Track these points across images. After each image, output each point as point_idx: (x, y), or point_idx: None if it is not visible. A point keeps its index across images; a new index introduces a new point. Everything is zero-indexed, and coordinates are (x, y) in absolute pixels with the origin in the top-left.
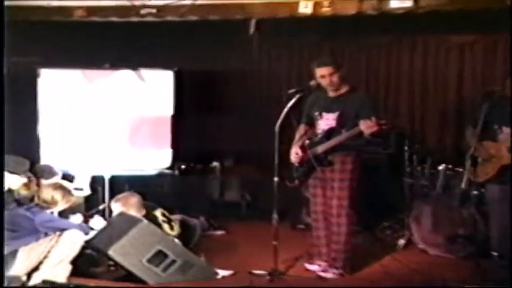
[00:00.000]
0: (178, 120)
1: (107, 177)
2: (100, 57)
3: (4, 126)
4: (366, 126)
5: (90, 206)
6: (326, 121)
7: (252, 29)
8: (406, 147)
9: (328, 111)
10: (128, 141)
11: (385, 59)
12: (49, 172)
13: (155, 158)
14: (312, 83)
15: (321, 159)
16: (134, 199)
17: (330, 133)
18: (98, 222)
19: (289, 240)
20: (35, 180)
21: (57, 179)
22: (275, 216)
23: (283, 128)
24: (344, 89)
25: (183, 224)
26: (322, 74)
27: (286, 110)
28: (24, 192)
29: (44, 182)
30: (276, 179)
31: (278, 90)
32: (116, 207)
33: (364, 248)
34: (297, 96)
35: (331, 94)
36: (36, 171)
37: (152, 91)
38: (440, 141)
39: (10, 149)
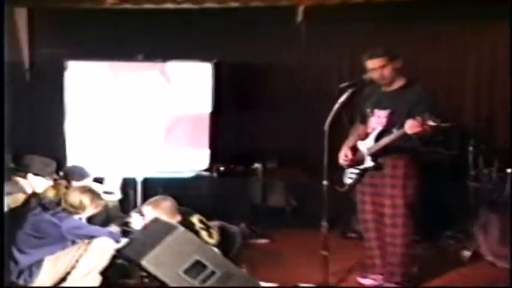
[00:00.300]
0: (217, 118)
1: (139, 180)
2: (133, 48)
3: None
4: (409, 125)
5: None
6: (377, 119)
7: (299, 17)
8: (470, 148)
9: (380, 107)
10: (162, 141)
11: (448, 48)
12: (80, 174)
13: (192, 158)
14: (366, 76)
15: (370, 162)
16: (169, 203)
17: (380, 133)
18: (137, 221)
19: (339, 250)
20: (63, 182)
21: (88, 181)
22: (324, 223)
23: (333, 127)
24: (399, 83)
25: (222, 232)
26: (373, 66)
27: (337, 106)
28: (51, 195)
29: (74, 184)
30: (325, 182)
31: (328, 85)
32: (149, 213)
33: (424, 260)
34: (349, 91)
35: (385, 89)
36: (66, 173)
37: (189, 86)
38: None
39: (34, 149)
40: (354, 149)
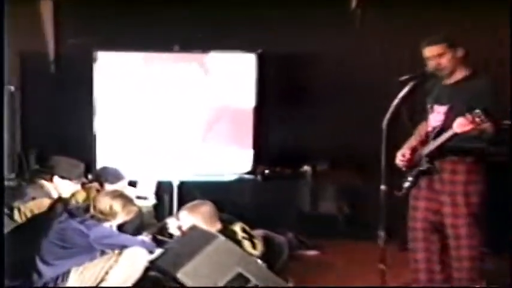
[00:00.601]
0: (261, 114)
1: (175, 184)
2: (168, 38)
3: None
4: (458, 123)
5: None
6: (436, 115)
7: (353, 3)
8: None
9: (440, 103)
10: (200, 140)
11: None
12: (115, 175)
13: (233, 160)
14: (428, 67)
15: (425, 165)
16: (208, 210)
17: (438, 131)
18: (173, 229)
19: (398, 264)
20: (95, 185)
21: (123, 184)
22: (381, 233)
23: (392, 124)
24: (461, 75)
25: (267, 242)
26: (430, 54)
27: (396, 101)
28: (81, 199)
29: (108, 186)
30: (383, 187)
31: (385, 77)
32: (186, 220)
33: (495, 275)
34: (410, 84)
35: (446, 81)
36: (99, 174)
37: (230, 79)
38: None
39: (60, 149)
40: (414, 149)
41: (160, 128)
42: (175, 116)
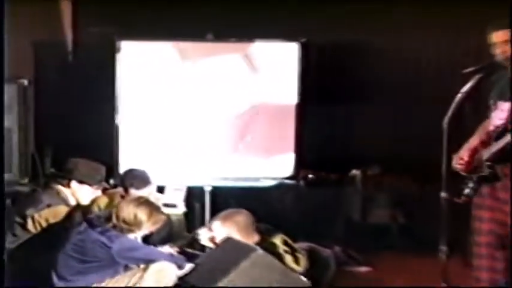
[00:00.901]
0: (304, 111)
1: (207, 190)
2: (200, 25)
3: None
4: None
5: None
6: (500, 113)
7: None
8: None
9: (505, 99)
10: (236, 141)
11: None
12: (142, 179)
13: (272, 163)
14: (496, 59)
15: (486, 170)
16: (244, 219)
17: (501, 132)
18: (205, 240)
19: (463, 281)
20: (119, 190)
21: (151, 190)
22: (443, 247)
23: (454, 123)
24: None
25: (311, 256)
26: (495, 40)
27: (459, 97)
28: (103, 205)
29: (133, 192)
30: (443, 194)
31: (445, 70)
32: (219, 231)
33: None
34: (476, 77)
35: None
36: (123, 179)
37: (269, 71)
38: None
39: (79, 150)
40: (474, 151)
41: (191, 126)
42: (207, 114)
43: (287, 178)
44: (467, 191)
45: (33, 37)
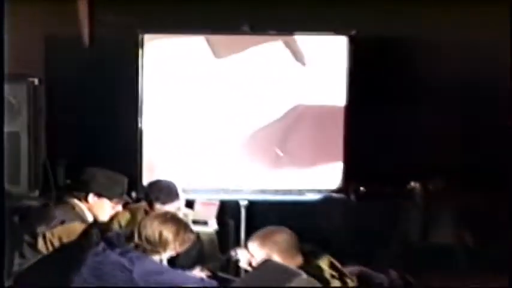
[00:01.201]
0: (354, 115)
1: (243, 204)
2: (235, 16)
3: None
4: None
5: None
6: None
7: None
8: None
9: None
10: (275, 148)
11: None
12: (167, 193)
13: (318, 174)
14: None
15: None
16: (285, 239)
17: None
18: (240, 258)
19: None
20: (143, 205)
21: (178, 205)
22: None
23: None
24: None
25: (363, 281)
26: None
27: None
28: (124, 222)
29: (158, 207)
30: None
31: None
32: (256, 251)
33: None
34: None
35: None
36: (147, 192)
37: (314, 69)
38: None
39: (98, 159)
40: None
41: (224, 131)
42: (243, 117)
43: (335, 191)
44: None
45: (45, 30)
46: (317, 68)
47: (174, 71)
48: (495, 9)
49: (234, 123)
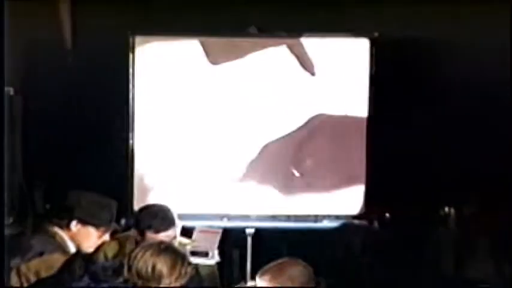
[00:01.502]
0: (378, 128)
1: (249, 233)
2: (241, 16)
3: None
4: None
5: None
6: None
7: None
8: None
9: None
10: (287, 168)
11: None
12: (163, 220)
13: (335, 197)
14: None
15: None
16: (299, 272)
17: None
18: None
19: None
20: (132, 233)
21: (173, 233)
22: None
23: None
24: None
25: None
26: None
27: None
28: (110, 254)
29: (150, 236)
30: None
31: None
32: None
33: None
34: None
35: None
36: (140, 218)
37: (331, 75)
38: None
39: (82, 181)
40: None
41: (227, 148)
42: (248, 132)
43: (355, 217)
44: None
45: (23, 34)
46: (335, 74)
47: (169, 78)
48: None
49: (239, 138)
